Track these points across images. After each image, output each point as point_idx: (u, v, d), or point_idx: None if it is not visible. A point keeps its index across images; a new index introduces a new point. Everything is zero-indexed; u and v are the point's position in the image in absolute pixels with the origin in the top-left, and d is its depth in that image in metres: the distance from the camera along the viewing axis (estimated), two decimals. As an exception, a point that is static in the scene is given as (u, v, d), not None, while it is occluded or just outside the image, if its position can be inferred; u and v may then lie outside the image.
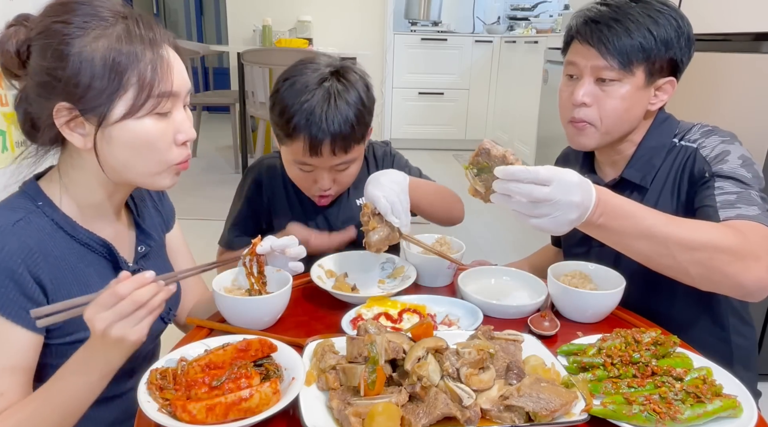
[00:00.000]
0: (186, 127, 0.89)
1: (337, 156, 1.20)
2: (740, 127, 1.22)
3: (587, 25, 1.13)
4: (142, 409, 0.71)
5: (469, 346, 0.78)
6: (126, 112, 0.82)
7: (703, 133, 1.15)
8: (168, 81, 0.84)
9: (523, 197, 0.82)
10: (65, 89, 0.81)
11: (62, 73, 0.81)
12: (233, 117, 4.66)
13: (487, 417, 0.74)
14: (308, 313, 1.06)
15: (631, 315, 1.07)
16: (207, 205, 3.68)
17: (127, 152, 0.85)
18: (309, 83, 1.19)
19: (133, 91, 0.82)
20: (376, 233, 1.08)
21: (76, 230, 0.90)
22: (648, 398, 0.74)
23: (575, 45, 1.16)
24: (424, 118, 5.69)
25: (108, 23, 0.82)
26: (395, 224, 1.08)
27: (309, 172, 1.25)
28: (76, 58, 0.80)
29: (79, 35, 0.81)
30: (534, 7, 5.87)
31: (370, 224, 1.09)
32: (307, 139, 1.17)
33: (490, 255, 1.53)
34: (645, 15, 1.10)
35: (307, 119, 1.16)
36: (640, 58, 1.10)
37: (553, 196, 0.81)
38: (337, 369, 0.79)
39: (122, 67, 0.81)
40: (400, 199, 1.09)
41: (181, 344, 0.90)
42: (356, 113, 1.19)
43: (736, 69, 1.89)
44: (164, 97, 0.84)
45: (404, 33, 5.52)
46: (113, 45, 0.81)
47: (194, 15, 7.99)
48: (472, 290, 1.09)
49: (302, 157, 1.20)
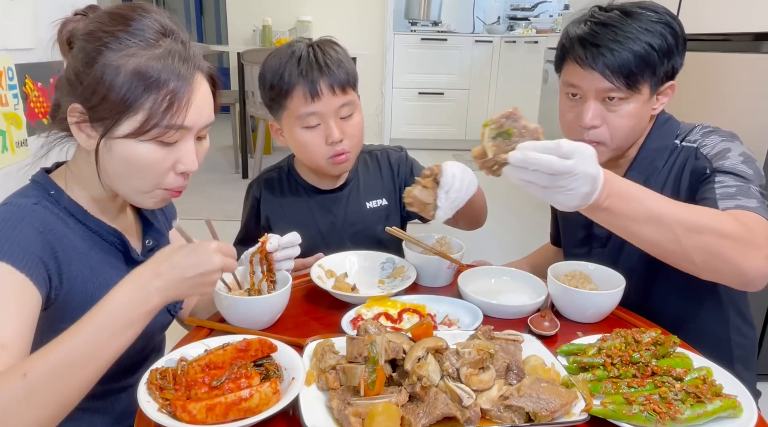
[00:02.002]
0: (188, 159, 0.88)
1: (337, 95, 1.21)
2: (740, 127, 1.22)
3: (586, 48, 1.10)
4: (142, 409, 0.71)
5: (469, 346, 0.78)
6: (129, 133, 0.83)
7: (703, 133, 1.15)
8: (181, 115, 0.84)
9: (543, 169, 0.80)
10: (83, 93, 0.83)
11: (85, 78, 0.82)
12: (233, 117, 4.66)
13: (487, 417, 0.74)
14: (308, 313, 1.06)
15: (631, 315, 1.07)
16: (207, 205, 3.67)
17: (122, 167, 0.86)
18: (288, 48, 1.25)
19: (142, 116, 0.82)
20: (423, 191, 1.06)
21: (87, 218, 0.92)
22: (648, 398, 0.74)
23: (574, 67, 1.13)
24: (424, 118, 5.69)
25: (147, 44, 0.84)
26: (439, 203, 1.06)
27: (316, 127, 1.23)
28: (101, 69, 0.82)
29: (114, 49, 0.82)
30: (534, 7, 5.87)
31: (425, 180, 1.07)
32: (304, 84, 1.19)
33: (490, 255, 1.53)
34: (642, 30, 1.07)
35: (297, 66, 1.20)
36: (646, 76, 1.09)
37: (574, 168, 0.79)
38: (337, 369, 0.79)
39: (140, 90, 0.82)
40: (461, 194, 1.06)
41: (181, 344, 0.90)
42: (340, 56, 1.23)
43: (736, 69, 1.89)
44: (172, 129, 0.84)
45: (404, 33, 5.52)
46: (140, 67, 0.82)
47: (194, 15, 7.99)
48: (472, 290, 1.09)
49: (304, 107, 1.20)
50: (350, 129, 1.25)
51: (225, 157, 5.12)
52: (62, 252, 0.85)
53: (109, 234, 0.94)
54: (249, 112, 4.26)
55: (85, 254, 0.89)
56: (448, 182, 1.04)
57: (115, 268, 0.94)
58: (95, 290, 0.87)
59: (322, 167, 1.29)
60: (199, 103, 0.87)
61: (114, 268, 0.93)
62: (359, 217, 1.37)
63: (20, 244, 0.79)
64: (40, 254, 0.81)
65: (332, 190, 1.38)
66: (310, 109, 1.21)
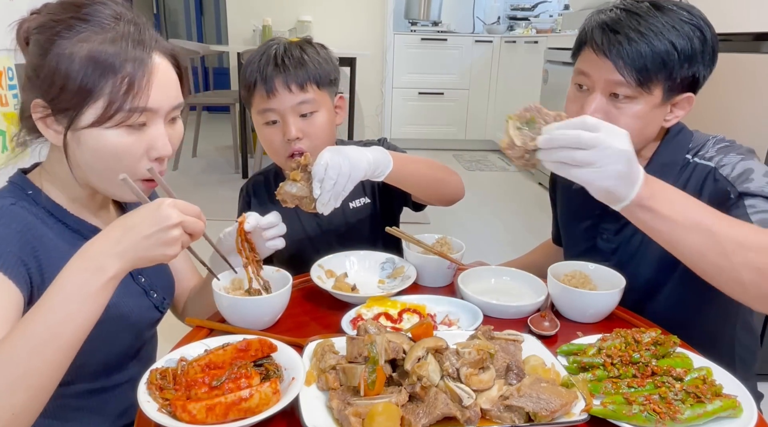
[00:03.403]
0: (160, 144, 0.86)
1: (294, 93, 1.22)
2: (740, 127, 1.21)
3: (604, 33, 1.02)
4: (142, 409, 0.71)
5: (469, 346, 0.78)
6: (94, 121, 0.81)
7: (719, 149, 1.07)
8: (144, 96, 0.82)
9: (570, 144, 0.78)
10: (42, 87, 0.82)
11: (41, 71, 0.81)
12: (233, 117, 4.66)
13: (487, 417, 0.74)
14: (308, 313, 1.06)
15: (631, 315, 1.07)
16: (207, 205, 3.63)
17: (93, 158, 0.85)
18: (262, 46, 1.28)
19: (104, 102, 0.81)
20: (294, 186, 1.03)
21: (66, 216, 0.91)
22: (648, 398, 0.74)
23: (588, 53, 1.06)
24: (424, 118, 5.69)
25: (100, 28, 0.82)
26: (315, 195, 1.02)
27: (275, 124, 1.25)
28: (55, 59, 0.80)
29: (67, 36, 0.80)
30: (534, 7, 5.88)
31: (293, 174, 1.04)
32: (261, 81, 1.22)
33: (490, 255, 1.53)
34: (669, 26, 1.00)
35: (259, 63, 1.24)
36: (660, 77, 1.01)
37: (600, 141, 0.77)
38: (337, 369, 0.79)
39: (96, 75, 0.80)
40: (344, 182, 1.01)
41: (181, 344, 0.90)
42: (309, 53, 1.25)
43: (736, 69, 1.89)
44: (136, 112, 0.83)
45: (404, 33, 5.52)
46: (94, 51, 0.80)
47: (194, 15, 7.99)
48: (472, 290, 1.09)
49: (262, 104, 1.23)
50: (311, 128, 1.25)
51: (225, 157, 5.12)
52: (43, 252, 0.84)
53: (90, 232, 0.91)
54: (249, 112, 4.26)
55: (66, 252, 0.86)
56: (319, 172, 1.01)
57: None
58: None
59: (282, 165, 1.30)
60: (162, 84, 0.85)
61: None
62: (342, 218, 1.36)
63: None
64: (20, 254, 0.80)
65: None
66: (267, 106, 1.24)
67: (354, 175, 1.03)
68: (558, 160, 0.80)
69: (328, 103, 1.29)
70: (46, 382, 0.71)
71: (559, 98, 3.85)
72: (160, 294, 1.05)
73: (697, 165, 1.08)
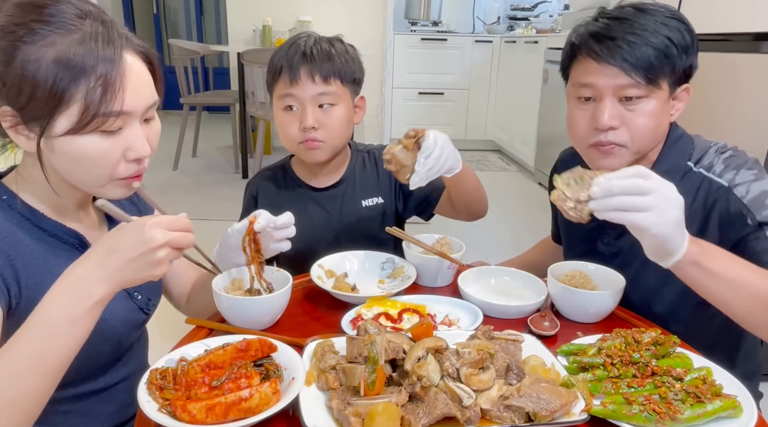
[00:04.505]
0: (138, 145, 0.83)
1: (317, 83, 1.25)
2: (740, 127, 1.21)
3: (601, 42, 1.04)
4: (142, 409, 0.71)
5: (469, 346, 0.78)
6: (69, 129, 0.78)
7: (726, 161, 1.07)
8: (118, 100, 0.79)
9: (628, 190, 0.80)
10: (8, 95, 0.77)
11: (7, 78, 0.76)
12: (233, 117, 4.65)
13: (487, 417, 0.74)
14: (308, 313, 1.06)
15: (631, 315, 1.07)
16: (207, 205, 3.67)
17: (70, 164, 0.82)
18: (294, 38, 1.31)
19: (77, 108, 0.77)
20: (403, 151, 1.08)
21: (43, 221, 0.87)
22: (648, 398, 0.74)
23: (587, 64, 1.07)
24: (424, 118, 5.69)
25: (66, 30, 0.77)
26: (417, 167, 1.06)
27: (294, 111, 1.28)
28: (20, 65, 0.75)
29: (30, 41, 0.76)
30: (534, 7, 5.88)
31: (407, 141, 1.08)
32: (287, 66, 1.25)
33: (490, 255, 1.53)
34: (659, 23, 1.03)
35: (288, 51, 1.27)
36: (666, 70, 1.03)
37: (657, 186, 0.80)
38: (337, 369, 0.79)
39: (67, 80, 0.76)
40: (440, 162, 1.07)
41: (181, 344, 0.90)
42: (337, 49, 1.28)
43: (736, 69, 1.89)
44: (112, 116, 0.79)
45: (404, 33, 5.52)
46: (61, 55, 0.76)
47: (194, 15, 7.99)
48: (472, 290, 1.09)
49: (285, 89, 1.26)
50: (328, 120, 1.28)
51: (225, 157, 5.12)
52: (18, 259, 0.81)
53: (68, 236, 0.89)
54: (249, 112, 4.26)
55: (44, 258, 0.85)
56: (429, 147, 1.05)
57: None
58: None
59: (294, 151, 1.35)
60: (135, 84, 0.81)
61: None
62: (355, 215, 1.38)
63: None
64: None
65: (328, 187, 1.40)
66: (288, 91, 1.27)
67: (449, 162, 1.10)
68: (616, 206, 0.82)
69: (348, 100, 1.32)
70: (30, 407, 0.70)
71: (559, 98, 3.85)
72: (145, 296, 1.01)
73: (704, 178, 1.08)
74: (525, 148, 4.82)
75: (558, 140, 4.02)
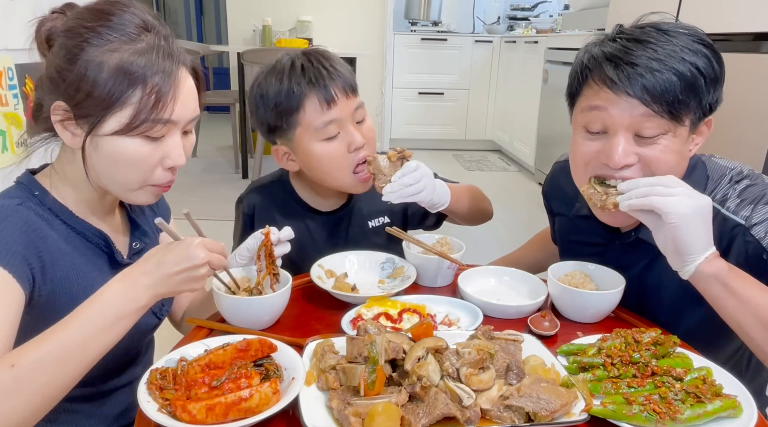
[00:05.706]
0: (176, 154, 0.88)
1: (350, 98, 1.17)
2: (740, 127, 1.20)
3: (618, 68, 0.91)
4: (142, 409, 0.71)
5: (469, 346, 0.78)
6: (117, 130, 0.83)
7: (741, 194, 0.98)
8: (168, 109, 0.84)
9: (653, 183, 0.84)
10: (66, 91, 0.82)
11: (68, 75, 0.82)
12: (233, 117, 4.66)
13: (487, 417, 0.74)
14: (308, 313, 1.06)
15: (631, 315, 1.07)
16: (207, 205, 3.68)
17: (110, 164, 0.86)
18: (280, 64, 1.18)
19: (129, 112, 0.82)
20: (386, 161, 1.13)
21: (72, 219, 0.91)
22: (648, 398, 0.74)
23: (600, 91, 0.94)
24: (424, 118, 5.70)
25: (129, 38, 0.83)
26: (393, 178, 1.11)
27: (336, 137, 1.16)
28: (84, 65, 0.81)
29: (96, 44, 0.82)
30: (534, 7, 5.88)
31: (391, 153, 1.13)
32: (318, 91, 1.13)
33: (491, 255, 1.53)
34: (686, 49, 0.90)
35: (304, 76, 1.14)
36: (692, 104, 0.91)
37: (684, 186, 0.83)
38: (337, 369, 0.79)
39: (125, 85, 0.81)
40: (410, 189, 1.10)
41: (181, 344, 0.90)
42: (327, 56, 1.20)
43: (736, 69, 1.89)
44: (159, 123, 0.84)
45: (404, 33, 5.53)
46: (124, 62, 0.81)
47: (194, 15, 8.00)
48: (472, 290, 1.09)
49: (321, 117, 1.14)
50: (367, 133, 1.20)
51: (225, 157, 5.13)
52: (46, 252, 0.84)
53: (94, 236, 0.93)
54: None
55: (70, 255, 0.89)
56: (410, 167, 1.11)
57: (99, 270, 0.93)
58: (79, 292, 0.87)
59: (346, 184, 1.22)
60: (185, 97, 0.87)
61: (98, 270, 0.92)
62: (362, 237, 1.33)
63: (3, 242, 0.79)
64: (24, 252, 0.81)
65: (333, 211, 1.33)
66: (327, 118, 1.14)
67: (422, 196, 1.12)
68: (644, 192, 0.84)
69: None
70: (57, 393, 0.74)
71: (559, 98, 3.85)
72: (159, 301, 1.03)
73: (718, 214, 0.97)
74: (525, 148, 4.82)
75: (557, 140, 4.03)
